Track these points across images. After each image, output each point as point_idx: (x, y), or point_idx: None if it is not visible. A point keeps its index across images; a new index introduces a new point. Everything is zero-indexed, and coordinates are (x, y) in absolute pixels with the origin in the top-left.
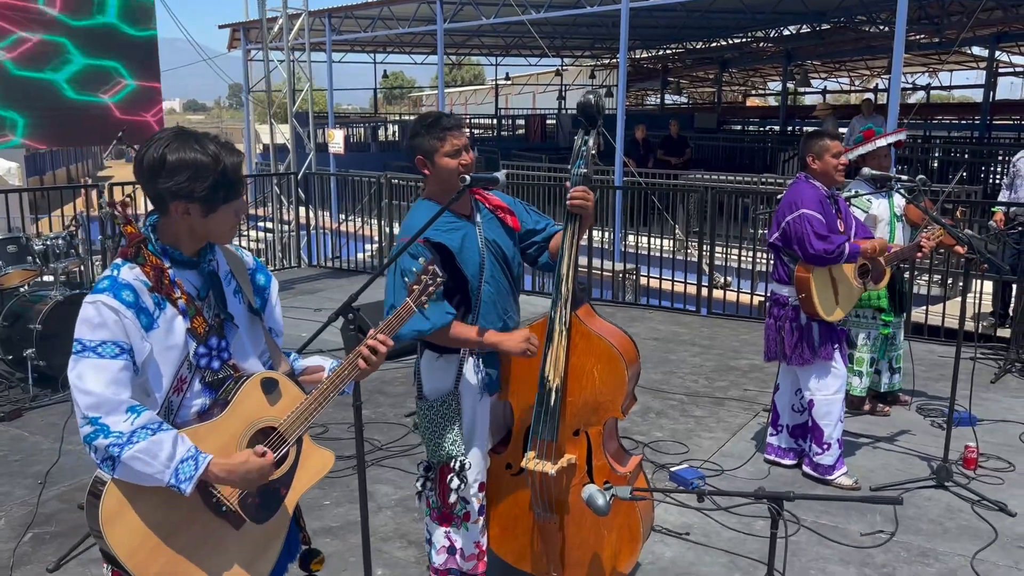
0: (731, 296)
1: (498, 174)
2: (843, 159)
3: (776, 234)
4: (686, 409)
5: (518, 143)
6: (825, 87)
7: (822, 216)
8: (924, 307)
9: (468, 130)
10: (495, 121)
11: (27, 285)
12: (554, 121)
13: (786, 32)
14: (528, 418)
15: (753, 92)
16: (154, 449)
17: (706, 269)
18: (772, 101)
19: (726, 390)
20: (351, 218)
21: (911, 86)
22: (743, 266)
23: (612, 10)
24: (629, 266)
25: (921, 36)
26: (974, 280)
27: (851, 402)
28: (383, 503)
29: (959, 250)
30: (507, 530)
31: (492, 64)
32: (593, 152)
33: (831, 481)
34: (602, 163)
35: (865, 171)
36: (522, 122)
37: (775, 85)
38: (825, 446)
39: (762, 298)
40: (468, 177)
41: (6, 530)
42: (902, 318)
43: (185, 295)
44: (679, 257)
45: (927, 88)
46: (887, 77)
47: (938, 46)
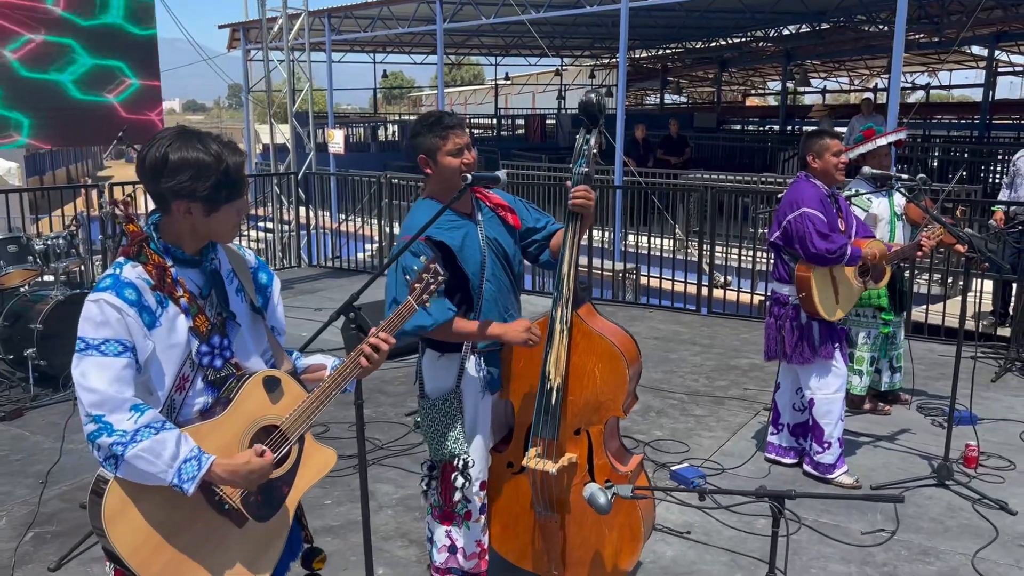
0: (731, 295)
1: (499, 173)
2: (843, 158)
3: (777, 233)
4: (686, 408)
5: (518, 143)
6: (825, 87)
7: (823, 215)
8: (924, 306)
9: (469, 129)
10: (495, 121)
11: (28, 285)
12: (554, 121)
13: (786, 32)
14: (529, 417)
15: (753, 92)
16: (158, 448)
17: (706, 268)
18: (772, 101)
19: (726, 389)
20: (351, 218)
21: (911, 85)
22: (743, 265)
23: (612, 10)
24: (629, 265)
25: (921, 35)
26: (974, 279)
27: (851, 401)
28: (384, 502)
29: (960, 249)
30: (508, 529)
31: (492, 64)
32: (595, 151)
33: (832, 480)
34: (602, 163)
35: (866, 170)
36: (522, 122)
37: (775, 85)
38: (826, 445)
39: (762, 297)
40: (470, 176)
41: (7, 530)
42: (902, 317)
43: (187, 294)
44: (679, 256)
45: (927, 87)
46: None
47: (938, 45)
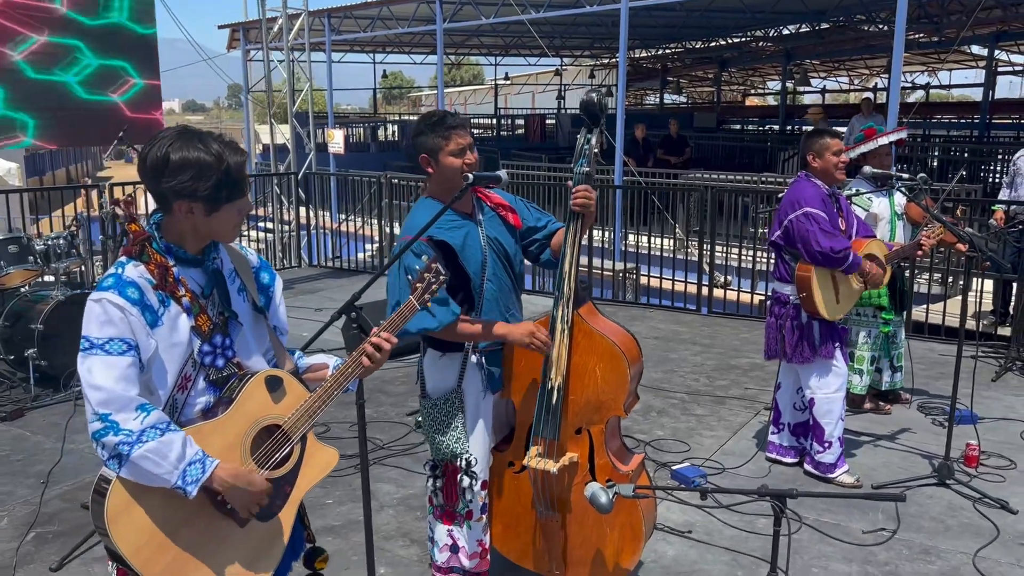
0: (731, 295)
1: (500, 173)
2: (843, 157)
3: (778, 232)
4: (687, 408)
5: (518, 143)
6: (824, 86)
7: (825, 214)
8: (925, 305)
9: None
10: (494, 121)
11: (28, 285)
12: (553, 121)
13: (785, 31)
14: (530, 416)
15: (752, 91)
16: (164, 450)
17: (706, 268)
18: (771, 100)
19: (727, 389)
20: (351, 218)
21: (911, 85)
22: (743, 265)
23: (611, 10)
24: (629, 265)
25: (920, 35)
26: (975, 278)
27: (852, 400)
28: (385, 502)
29: (960, 248)
30: (510, 528)
31: (491, 64)
32: (596, 151)
33: (833, 479)
34: (603, 162)
35: (866, 169)
36: (521, 122)
37: (774, 84)
38: (826, 444)
39: (762, 297)
40: (471, 175)
41: (9, 530)
42: (903, 316)
43: (189, 293)
44: (679, 256)
45: (926, 87)
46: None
47: (937, 45)
